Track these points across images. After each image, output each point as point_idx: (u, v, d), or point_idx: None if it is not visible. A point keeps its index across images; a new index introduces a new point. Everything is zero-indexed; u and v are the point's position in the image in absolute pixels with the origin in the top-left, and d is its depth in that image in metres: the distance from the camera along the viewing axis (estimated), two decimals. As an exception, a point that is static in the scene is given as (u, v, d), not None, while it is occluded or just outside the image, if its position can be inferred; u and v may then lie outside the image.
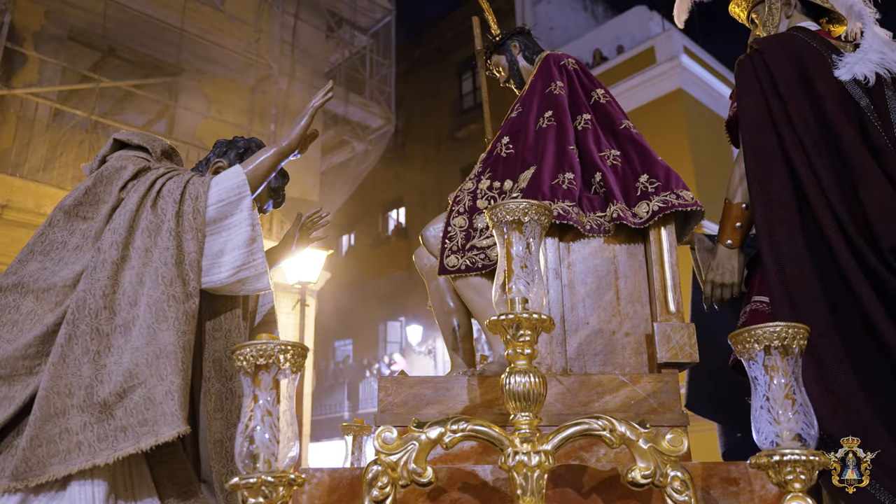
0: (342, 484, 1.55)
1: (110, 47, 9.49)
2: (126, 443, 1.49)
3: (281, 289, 9.40)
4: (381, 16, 11.85)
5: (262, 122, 10.21)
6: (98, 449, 1.48)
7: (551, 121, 2.07)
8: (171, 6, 9.25)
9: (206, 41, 9.58)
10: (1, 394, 1.55)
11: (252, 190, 1.80)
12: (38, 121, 8.42)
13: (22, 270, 1.69)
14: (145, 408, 1.51)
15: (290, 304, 9.63)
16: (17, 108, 8.23)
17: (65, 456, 1.47)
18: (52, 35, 8.91)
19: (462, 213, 2.01)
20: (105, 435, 1.49)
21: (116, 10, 8.81)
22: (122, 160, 1.83)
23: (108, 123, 9.13)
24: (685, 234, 2.04)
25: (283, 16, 10.49)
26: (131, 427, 1.50)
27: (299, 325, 8.39)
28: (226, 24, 9.83)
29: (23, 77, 8.53)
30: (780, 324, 1.29)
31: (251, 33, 10.13)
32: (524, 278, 1.40)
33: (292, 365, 1.29)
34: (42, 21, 8.86)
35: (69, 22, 8.98)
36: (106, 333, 1.59)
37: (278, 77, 10.17)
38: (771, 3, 2.20)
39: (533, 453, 1.34)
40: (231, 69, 10.11)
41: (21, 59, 8.61)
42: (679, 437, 1.42)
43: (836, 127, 1.84)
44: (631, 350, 1.87)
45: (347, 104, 11.14)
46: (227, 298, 1.84)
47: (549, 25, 14.99)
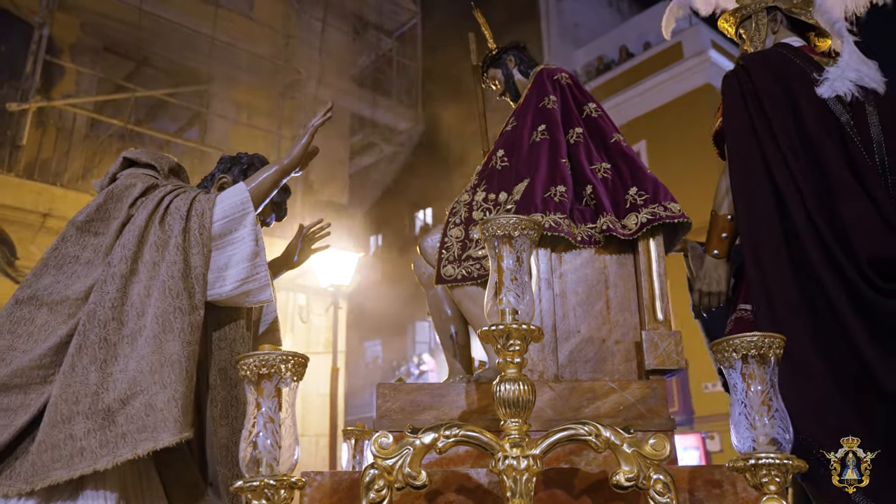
0: (342, 487, 1.63)
1: (144, 57, 9.74)
2: (125, 449, 1.55)
3: (313, 291, 9.57)
4: (407, 18, 11.93)
5: (291, 126, 10.37)
6: (99, 455, 1.54)
7: (544, 135, 2.13)
8: (202, 15, 9.46)
9: (236, 48, 9.77)
10: (17, 402, 1.63)
11: (255, 206, 1.88)
12: (76, 130, 8.70)
13: (36, 284, 1.77)
14: (145, 414, 1.58)
15: (323, 307, 9.79)
16: (57, 119, 8.51)
17: (67, 461, 1.54)
18: (89, 46, 9.19)
19: (458, 224, 2.09)
20: (106, 441, 1.56)
21: (150, 20, 9.04)
22: (132, 178, 1.91)
23: (143, 132, 9.40)
24: (673, 244, 2.10)
25: (310, 21, 10.64)
26: (130, 433, 1.56)
27: (332, 327, 8.56)
28: (255, 31, 10.02)
29: (61, 88, 8.82)
30: (757, 334, 1.35)
31: (280, 39, 10.31)
32: (514, 290, 1.48)
33: (293, 374, 1.38)
34: (78, 33, 9.14)
35: (104, 33, 9.25)
36: (114, 343, 1.66)
37: (307, 82, 10.32)
38: (758, 19, 2.24)
39: (522, 457, 1.42)
40: (260, 75, 10.29)
41: (59, 71, 8.90)
42: (662, 441, 1.48)
43: (817, 142, 1.89)
44: (620, 357, 1.93)
45: (375, 107, 11.26)
46: (231, 310, 1.92)
47: (574, 22, 14.91)
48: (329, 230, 2.41)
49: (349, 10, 11.44)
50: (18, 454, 1.60)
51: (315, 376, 9.48)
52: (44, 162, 8.12)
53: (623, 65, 13.15)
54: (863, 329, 1.69)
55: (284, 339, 8.73)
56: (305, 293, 9.74)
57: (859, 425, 1.65)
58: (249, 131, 10.00)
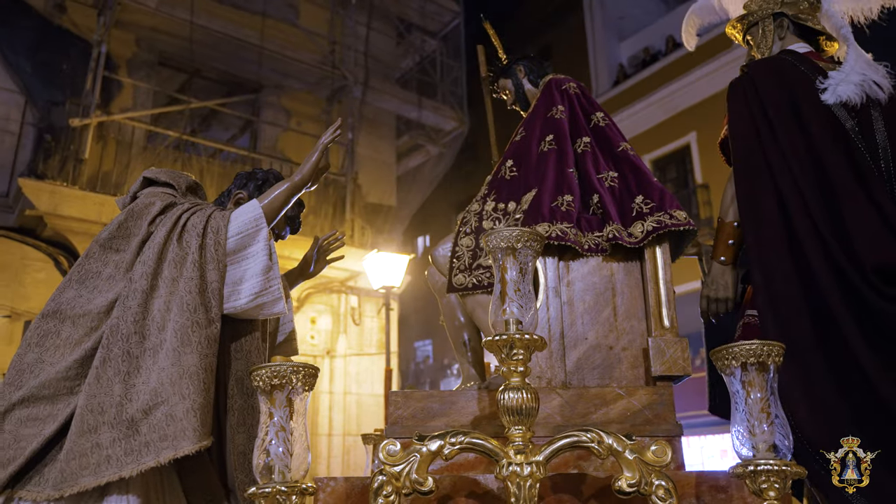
0: (353, 492, 1.68)
1: (196, 69, 10.03)
2: (148, 457, 1.63)
3: (364, 293, 9.74)
4: (450, 19, 11.96)
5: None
6: (125, 462, 1.62)
7: (552, 145, 2.16)
8: (251, 25, 9.70)
9: (284, 56, 9.96)
10: (46, 412, 1.71)
11: (268, 222, 1.94)
12: (135, 143, 9.04)
13: (59, 298, 1.86)
14: (166, 424, 1.66)
15: (374, 309, 9.94)
16: (116, 133, 8.84)
17: (95, 469, 1.61)
18: (144, 61, 9.53)
19: (469, 233, 2.13)
20: (131, 449, 1.64)
21: (201, 33, 9.30)
22: (151, 196, 1.99)
23: (197, 141, 9.71)
24: (680, 252, 2.10)
25: (355, 26, 10.79)
26: (153, 442, 1.64)
27: (384, 328, 8.71)
28: (302, 39, 10.21)
29: (120, 103, 9.17)
30: (756, 342, 1.36)
31: (326, 46, 10.48)
32: (518, 301, 1.51)
33: (304, 385, 1.44)
34: (134, 49, 9.49)
35: (158, 47, 9.56)
36: (136, 356, 1.74)
37: (353, 86, 10.48)
38: (765, 25, 2.23)
39: (525, 464, 1.45)
40: (308, 82, 10.48)
41: (117, 86, 9.25)
42: (663, 448, 1.50)
43: (821, 149, 1.88)
44: (628, 364, 1.95)
45: (420, 109, 11.34)
46: (247, 322, 1.99)
47: (619, 15, 14.70)
48: (343, 241, 2.47)
49: (392, 13, 11.55)
50: (47, 461, 1.69)
51: (369, 377, 9.64)
52: (105, 174, 8.42)
53: (670, 55, 12.88)
54: (863, 336, 1.68)
55: (338, 341, 8.88)
56: (357, 295, 9.91)
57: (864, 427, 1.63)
58: (298, 137, 10.20)
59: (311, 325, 9.54)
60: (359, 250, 9.17)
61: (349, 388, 9.56)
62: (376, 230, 10.35)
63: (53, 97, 8.74)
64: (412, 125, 11.69)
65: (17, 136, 8.55)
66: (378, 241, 9.76)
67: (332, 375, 9.47)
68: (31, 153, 8.44)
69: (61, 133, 8.40)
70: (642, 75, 13.56)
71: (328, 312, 9.73)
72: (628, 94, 13.67)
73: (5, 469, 1.65)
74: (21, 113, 8.62)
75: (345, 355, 9.68)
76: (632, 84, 13.77)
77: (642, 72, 13.64)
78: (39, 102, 8.70)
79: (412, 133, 11.80)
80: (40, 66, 8.70)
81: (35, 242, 7.93)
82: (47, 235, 7.96)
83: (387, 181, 11.20)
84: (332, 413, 9.30)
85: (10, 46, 8.50)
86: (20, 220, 7.88)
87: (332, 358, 9.60)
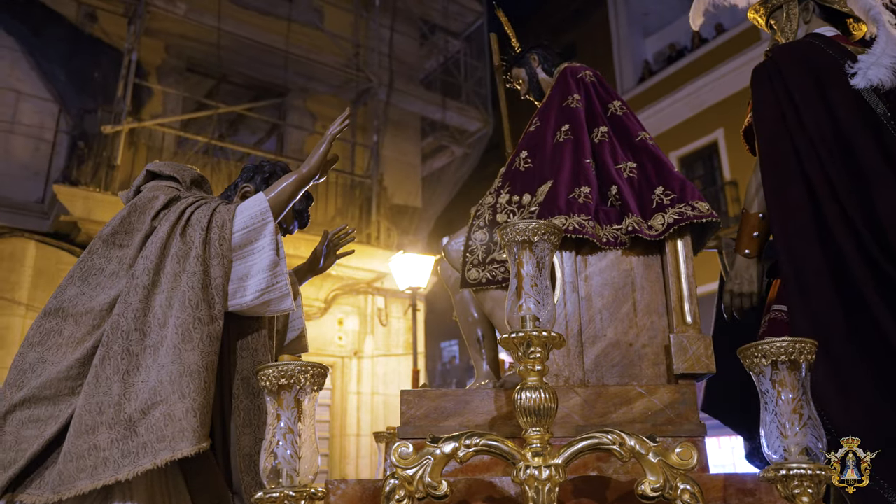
0: (365, 496, 1.62)
1: (223, 74, 10.15)
2: (145, 458, 1.57)
3: (391, 294, 9.74)
4: (473, 19, 11.92)
5: (364, 134, 10.57)
6: (121, 465, 1.56)
7: (568, 135, 2.08)
8: (277, 30, 9.77)
9: (309, 60, 10.01)
10: (47, 413, 1.67)
11: (275, 216, 1.88)
12: (165, 148, 9.17)
13: (62, 295, 1.81)
14: (164, 424, 1.60)
15: (401, 310, 9.95)
16: (147, 139, 8.97)
17: (91, 471, 1.56)
18: (173, 68, 9.66)
19: (482, 227, 2.06)
20: (128, 451, 1.58)
21: (228, 39, 9.39)
22: (155, 190, 1.94)
23: (225, 146, 9.83)
24: (702, 245, 2.01)
25: (378, 29, 10.81)
26: (150, 443, 1.58)
27: (411, 329, 8.69)
28: (326, 43, 10.25)
29: (150, 109, 9.32)
30: (787, 339, 1.29)
31: (350, 48, 10.52)
32: (534, 297, 1.45)
33: (312, 385, 1.39)
34: (163, 56, 9.63)
35: (186, 54, 9.67)
36: (136, 354, 1.68)
37: (377, 89, 10.50)
38: (789, 9, 2.14)
39: (544, 467, 1.39)
40: (333, 85, 10.52)
41: (147, 93, 9.40)
42: (689, 450, 1.42)
43: (851, 134, 1.79)
44: (648, 361, 1.87)
45: (445, 109, 11.32)
46: (253, 319, 1.93)
47: (644, 11, 14.49)
48: (353, 235, 2.41)
49: (416, 14, 11.54)
50: (48, 464, 1.64)
51: (396, 378, 9.65)
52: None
53: (696, 51, 12.63)
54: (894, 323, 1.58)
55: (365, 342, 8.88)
56: (384, 297, 9.92)
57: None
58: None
59: (339, 327, 9.58)
60: (385, 251, 9.19)
61: (377, 388, 9.58)
62: (402, 231, 10.35)
63: (86, 105, 8.90)
64: (437, 126, 11.67)
65: (52, 143, 8.73)
66: (404, 242, 9.76)
67: (360, 376, 9.50)
68: (65, 160, 8.61)
69: (94, 140, 8.55)
70: (668, 72, 13.34)
71: (355, 314, 9.76)
72: (654, 91, 13.46)
73: (6, 472, 1.61)
74: (55, 121, 8.79)
75: (372, 356, 9.70)
76: (657, 81, 13.56)
77: (668, 68, 13.41)
78: (73, 110, 8.87)
79: (437, 134, 11.77)
80: (73, 74, 8.88)
81: (70, 247, 8.06)
82: (81, 240, 8.09)
83: (412, 182, 11.19)
84: (360, 413, 9.33)
85: (44, 56, 8.68)
86: (55, 226, 8.02)
87: (359, 359, 9.63)
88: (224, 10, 9.35)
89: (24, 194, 8.10)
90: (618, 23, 14.74)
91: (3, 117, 8.26)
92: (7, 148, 8.26)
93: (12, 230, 7.82)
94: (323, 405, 9.04)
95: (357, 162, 10.31)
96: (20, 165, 8.30)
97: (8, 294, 7.49)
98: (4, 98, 8.32)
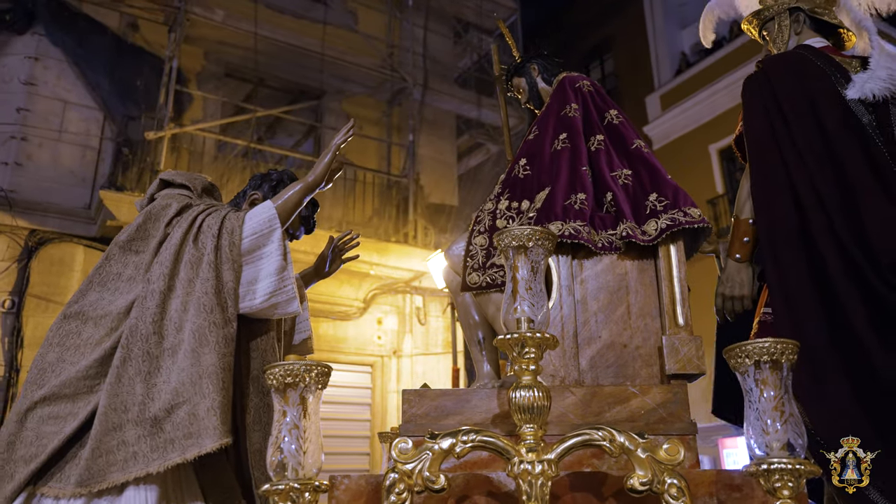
0: (368, 489, 1.69)
1: (261, 78, 10.34)
2: (174, 453, 1.68)
3: (429, 293, 9.82)
4: (507, 16, 11.89)
5: (400, 134, 10.66)
6: (151, 459, 1.68)
7: (565, 143, 2.14)
8: (312, 34, 9.90)
9: (345, 62, 10.11)
10: (66, 410, 1.77)
11: (282, 222, 1.97)
12: (206, 153, 9.41)
13: (83, 300, 1.91)
14: (189, 422, 1.70)
15: (439, 309, 10.02)
16: (188, 144, 9.19)
17: (122, 465, 1.67)
18: (212, 73, 9.88)
19: (483, 232, 2.13)
20: (156, 446, 1.69)
21: (265, 44, 9.56)
22: (167, 198, 2.04)
23: (263, 149, 10.02)
24: (694, 250, 2.06)
25: (412, 29, 10.88)
26: (178, 440, 1.69)
27: (450, 327, 8.74)
28: (361, 44, 10.36)
29: (191, 114, 9.55)
30: (770, 340, 1.34)
31: (384, 49, 10.62)
32: (529, 299, 1.51)
33: (316, 383, 1.47)
34: (202, 62, 9.86)
35: (225, 59, 9.87)
36: (156, 356, 1.79)
37: (412, 89, 10.59)
38: (781, 20, 2.18)
39: (537, 462, 1.45)
40: (368, 86, 10.61)
41: (188, 99, 9.63)
42: (676, 447, 1.48)
43: (838, 145, 1.82)
44: (642, 362, 1.92)
45: (480, 107, 11.35)
46: (262, 322, 2.02)
47: (680, 2, 14.24)
48: (358, 240, 2.50)
49: (449, 13, 11.57)
50: (68, 458, 1.74)
51: (436, 376, 9.71)
52: (180, 184, 8.79)
53: (734, 41, 12.32)
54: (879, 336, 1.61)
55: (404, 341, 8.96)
56: (422, 296, 10.00)
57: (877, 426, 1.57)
58: (360, 141, 10.34)
59: (378, 326, 9.68)
60: (422, 251, 9.23)
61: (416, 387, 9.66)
62: (439, 230, 10.39)
63: (130, 112, 9.16)
64: (472, 124, 11.68)
65: (97, 150, 9.01)
66: (441, 240, 9.80)
67: (400, 375, 9.56)
68: (110, 166, 8.86)
69: (138, 146, 8.79)
70: (706, 63, 13.08)
71: (394, 313, 9.84)
72: (691, 83, 13.21)
73: (28, 465, 1.71)
74: (100, 128, 9.07)
75: (411, 355, 9.77)
76: (695, 72, 13.31)
77: (706, 59, 13.15)
78: (117, 118, 9.14)
79: (472, 132, 11.78)
80: (117, 83, 9.15)
81: (116, 252, 8.36)
82: (127, 244, 8.37)
83: (448, 181, 11.23)
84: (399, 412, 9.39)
85: (89, 65, 8.98)
86: (102, 231, 8.26)
87: (398, 358, 9.71)
88: (260, 16, 9.54)
89: (72, 200, 8.36)
90: (653, 15, 14.52)
91: (52, 126, 8.56)
92: (55, 156, 8.54)
93: (61, 235, 8.07)
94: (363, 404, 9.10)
95: (393, 162, 10.40)
96: (68, 172, 8.56)
97: (58, 297, 7.77)
98: (52, 107, 8.60)
